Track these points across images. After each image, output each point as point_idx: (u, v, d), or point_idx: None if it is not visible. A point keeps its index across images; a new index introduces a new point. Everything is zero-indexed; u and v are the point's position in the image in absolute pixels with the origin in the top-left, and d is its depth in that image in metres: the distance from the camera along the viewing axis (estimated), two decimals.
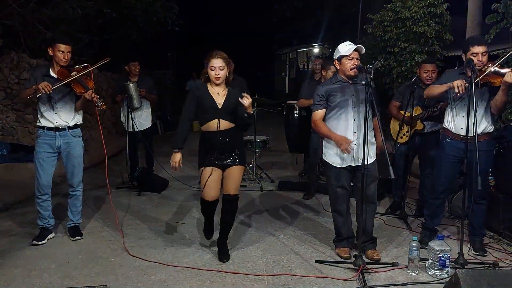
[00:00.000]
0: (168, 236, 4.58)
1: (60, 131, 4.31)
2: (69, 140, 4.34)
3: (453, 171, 4.18)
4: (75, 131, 4.40)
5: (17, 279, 3.60)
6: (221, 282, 3.57)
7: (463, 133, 3.98)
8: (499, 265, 3.86)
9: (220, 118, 3.85)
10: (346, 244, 4.11)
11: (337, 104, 3.91)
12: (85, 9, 8.50)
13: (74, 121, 4.37)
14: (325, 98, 3.96)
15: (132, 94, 6.25)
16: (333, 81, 4.00)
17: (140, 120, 6.55)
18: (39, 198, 4.34)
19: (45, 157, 4.29)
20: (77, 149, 4.40)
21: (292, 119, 6.70)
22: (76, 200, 4.51)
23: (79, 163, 4.44)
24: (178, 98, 15.94)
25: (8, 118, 7.72)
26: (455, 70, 4.28)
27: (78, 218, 4.53)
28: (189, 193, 6.20)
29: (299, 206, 5.69)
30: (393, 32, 8.81)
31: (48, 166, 4.32)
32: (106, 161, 4.69)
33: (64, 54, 4.19)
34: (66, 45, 4.19)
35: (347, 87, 3.92)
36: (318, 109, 4.02)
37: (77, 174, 4.44)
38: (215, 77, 3.85)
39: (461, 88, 3.76)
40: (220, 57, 3.83)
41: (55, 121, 4.29)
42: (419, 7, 8.44)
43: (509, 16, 5.77)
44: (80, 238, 4.43)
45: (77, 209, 4.52)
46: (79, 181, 4.48)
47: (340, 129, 3.92)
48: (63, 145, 4.33)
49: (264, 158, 8.33)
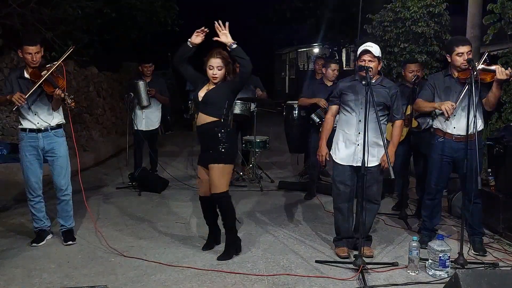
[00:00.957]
0: (168, 236, 4.58)
1: (43, 132, 4.20)
2: (52, 140, 4.23)
3: (446, 170, 4.18)
4: (58, 131, 4.27)
5: (17, 279, 3.60)
6: (221, 282, 3.56)
7: (455, 132, 4.01)
8: (499, 265, 3.86)
9: (199, 111, 3.87)
10: (345, 243, 4.11)
11: (348, 102, 3.96)
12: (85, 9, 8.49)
13: (55, 121, 4.25)
14: (338, 95, 4.04)
15: (141, 92, 6.26)
16: (351, 79, 4.05)
17: (149, 119, 6.53)
18: (31, 200, 4.28)
19: (32, 159, 4.21)
20: (62, 149, 4.28)
21: (292, 119, 6.70)
22: (66, 205, 4.35)
23: (66, 163, 4.31)
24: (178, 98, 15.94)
25: (8, 118, 7.72)
26: (439, 74, 4.30)
27: (70, 222, 4.39)
28: (189, 193, 6.19)
29: (299, 206, 5.69)
30: (393, 32, 8.81)
31: (36, 168, 4.23)
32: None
33: (32, 56, 4.04)
34: (33, 46, 4.03)
35: (361, 86, 3.79)
36: (331, 105, 4.15)
37: (64, 175, 4.30)
38: (212, 76, 3.86)
39: (450, 112, 3.86)
40: (219, 56, 3.83)
41: (36, 122, 4.19)
42: (419, 7, 8.44)
43: (506, 16, 5.76)
44: (73, 243, 4.30)
45: (68, 214, 4.37)
46: (67, 183, 4.33)
47: (348, 127, 3.97)
48: (47, 146, 4.22)
49: (264, 158, 8.33)
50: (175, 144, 10.56)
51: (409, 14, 8.50)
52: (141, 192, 6.19)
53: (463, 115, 3.89)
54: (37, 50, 4.07)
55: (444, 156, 4.10)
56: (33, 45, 4.06)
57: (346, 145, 3.97)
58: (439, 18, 8.46)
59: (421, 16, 8.42)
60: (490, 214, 4.51)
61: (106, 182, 6.87)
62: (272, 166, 8.02)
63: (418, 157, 5.14)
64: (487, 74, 3.87)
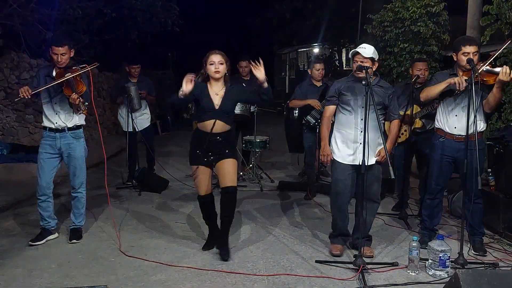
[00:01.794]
0: (168, 236, 4.58)
1: (60, 132, 4.28)
2: (69, 141, 4.31)
3: (447, 170, 4.18)
4: (76, 132, 4.36)
5: (17, 279, 3.60)
6: (221, 282, 3.57)
7: (456, 132, 4.01)
8: (499, 265, 3.86)
9: (217, 119, 3.87)
10: (340, 241, 4.15)
11: (347, 102, 3.97)
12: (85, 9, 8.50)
13: (72, 122, 4.32)
14: (336, 95, 4.05)
15: (133, 95, 6.26)
16: (349, 79, 4.07)
17: (139, 119, 6.56)
18: (38, 198, 4.33)
19: (46, 158, 4.28)
20: (77, 151, 4.35)
21: (292, 119, 6.69)
22: (77, 202, 4.46)
23: (81, 164, 4.39)
24: None
25: (8, 118, 7.73)
26: (445, 72, 4.28)
27: (80, 220, 4.49)
28: (189, 193, 6.19)
29: (299, 206, 5.69)
30: (393, 32, 8.81)
31: (48, 168, 4.30)
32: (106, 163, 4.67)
33: (58, 56, 4.11)
34: (60, 47, 4.10)
35: (360, 86, 3.84)
36: (329, 105, 4.13)
37: (78, 176, 4.40)
38: (215, 71, 3.86)
39: (462, 83, 3.76)
40: (219, 53, 3.90)
41: (55, 122, 4.27)
42: (417, 7, 8.45)
43: (502, 17, 5.76)
44: (76, 242, 4.34)
45: (79, 211, 4.47)
46: (81, 183, 4.44)
47: (348, 126, 3.98)
48: (64, 146, 4.30)
49: (264, 158, 8.33)
50: (175, 144, 10.57)
51: (408, 14, 8.51)
52: (141, 192, 6.19)
53: (465, 115, 3.88)
54: (64, 51, 4.12)
55: (445, 156, 4.10)
56: (60, 46, 4.11)
57: (348, 145, 3.98)
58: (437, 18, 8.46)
59: (419, 16, 8.43)
60: (490, 214, 4.51)
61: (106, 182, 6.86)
62: (272, 166, 8.02)
63: (422, 157, 5.14)
64: (490, 76, 3.83)
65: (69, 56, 4.19)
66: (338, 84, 4.08)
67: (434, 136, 4.24)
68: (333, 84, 4.17)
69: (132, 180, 6.49)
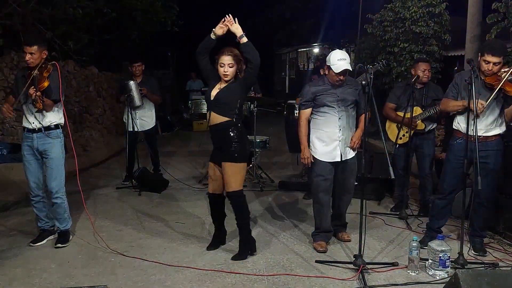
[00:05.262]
0: (168, 236, 4.58)
1: (37, 133, 4.18)
2: (45, 141, 4.19)
3: (460, 172, 4.14)
4: (52, 132, 4.21)
5: (17, 279, 3.60)
6: (221, 282, 3.57)
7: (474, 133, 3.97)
8: (499, 265, 3.86)
9: (211, 110, 3.87)
10: (323, 237, 4.26)
11: (324, 103, 4.16)
12: (85, 9, 8.49)
13: (47, 122, 4.19)
14: (311, 99, 4.22)
15: (133, 92, 6.25)
16: (321, 83, 4.25)
17: (143, 119, 6.55)
18: (31, 199, 4.30)
19: (28, 159, 4.22)
20: (53, 151, 4.19)
21: (292, 119, 6.69)
22: (58, 208, 4.27)
23: (57, 166, 4.21)
24: (178, 98, 15.93)
25: (8, 118, 7.71)
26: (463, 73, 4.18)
27: (64, 225, 4.32)
28: (189, 193, 6.20)
29: (299, 206, 5.69)
30: (393, 32, 8.82)
31: (33, 169, 4.23)
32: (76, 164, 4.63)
33: (26, 55, 4.05)
34: (28, 46, 4.03)
35: (334, 87, 4.15)
36: (305, 109, 4.26)
37: (55, 178, 4.20)
38: (224, 74, 3.84)
39: (480, 110, 3.77)
40: (231, 54, 3.84)
41: (32, 121, 4.18)
42: (418, 7, 8.45)
43: (510, 16, 5.76)
44: (61, 246, 4.21)
45: (62, 216, 4.30)
46: (58, 186, 4.22)
47: (327, 126, 4.17)
48: (40, 147, 4.18)
49: (264, 158, 8.33)
50: (175, 144, 10.57)
51: (409, 14, 8.51)
52: (141, 192, 6.18)
53: (485, 117, 3.88)
54: (32, 51, 4.06)
55: (461, 158, 3.98)
56: (29, 46, 4.07)
57: (327, 143, 4.18)
58: (438, 18, 8.47)
59: (420, 16, 8.43)
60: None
61: (106, 182, 6.87)
62: (272, 166, 8.02)
63: (423, 158, 5.13)
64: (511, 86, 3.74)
65: (40, 56, 4.10)
66: (313, 88, 4.23)
67: (452, 137, 4.18)
68: (306, 89, 4.28)
69: (129, 180, 6.48)
